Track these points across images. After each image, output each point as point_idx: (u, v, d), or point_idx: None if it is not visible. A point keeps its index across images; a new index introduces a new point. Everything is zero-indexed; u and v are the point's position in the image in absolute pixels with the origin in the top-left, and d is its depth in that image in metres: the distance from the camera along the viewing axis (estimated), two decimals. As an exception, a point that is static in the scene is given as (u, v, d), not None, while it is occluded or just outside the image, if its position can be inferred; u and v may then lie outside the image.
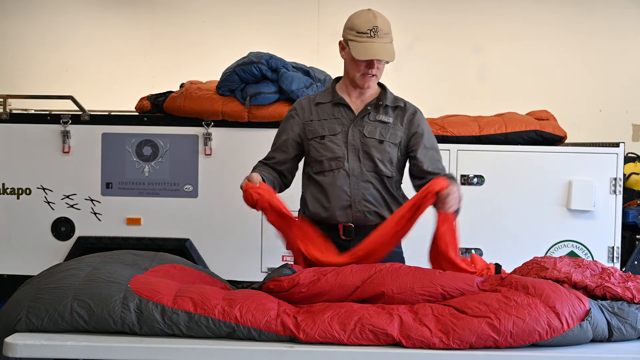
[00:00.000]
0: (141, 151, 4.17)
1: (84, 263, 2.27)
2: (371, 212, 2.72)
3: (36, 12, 8.42)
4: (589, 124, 7.60)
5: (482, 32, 8.06)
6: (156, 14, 8.38)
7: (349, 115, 2.76)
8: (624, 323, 2.07)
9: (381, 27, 2.63)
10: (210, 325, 2.03)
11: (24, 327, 2.02)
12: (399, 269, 2.28)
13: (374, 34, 2.63)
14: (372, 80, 2.73)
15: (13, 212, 4.19)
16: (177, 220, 4.16)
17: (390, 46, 2.67)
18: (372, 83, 2.75)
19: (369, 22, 2.64)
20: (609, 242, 4.11)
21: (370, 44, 2.63)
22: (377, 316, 2.04)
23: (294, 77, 4.02)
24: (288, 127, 2.82)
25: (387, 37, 2.66)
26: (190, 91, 4.19)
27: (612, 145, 4.13)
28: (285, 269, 2.31)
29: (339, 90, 2.81)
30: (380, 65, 2.70)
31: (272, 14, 8.18)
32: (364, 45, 2.63)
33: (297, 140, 2.80)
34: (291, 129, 2.81)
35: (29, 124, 4.21)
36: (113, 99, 7.31)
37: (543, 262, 2.38)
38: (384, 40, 2.64)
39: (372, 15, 2.66)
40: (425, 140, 2.79)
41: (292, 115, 2.84)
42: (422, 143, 2.77)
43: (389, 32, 2.67)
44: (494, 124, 4.21)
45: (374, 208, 2.72)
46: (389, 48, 2.66)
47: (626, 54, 7.90)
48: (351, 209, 2.71)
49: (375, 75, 2.72)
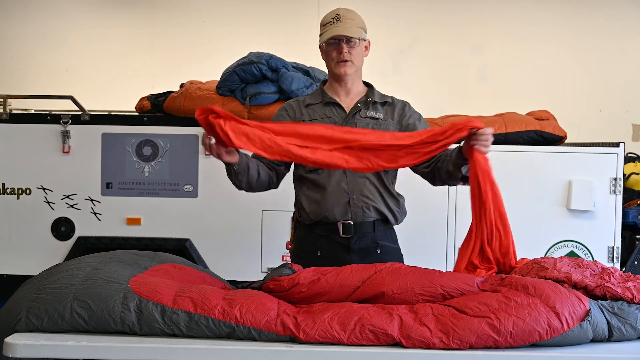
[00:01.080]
0: (141, 151, 4.17)
1: (84, 263, 2.27)
2: (369, 207, 2.72)
3: (36, 12, 8.42)
4: (589, 124, 7.59)
5: (482, 32, 8.06)
6: (156, 14, 8.38)
7: (340, 113, 2.77)
8: (624, 323, 2.07)
9: (344, 14, 2.71)
10: (210, 326, 2.03)
11: (24, 327, 2.02)
12: (399, 269, 2.28)
13: (337, 20, 2.70)
14: (347, 66, 2.73)
15: (13, 212, 4.19)
16: (177, 220, 4.16)
17: (352, 26, 2.70)
18: (349, 69, 2.74)
19: (332, 13, 2.73)
20: (609, 242, 4.11)
21: (334, 27, 2.69)
22: (377, 316, 2.04)
23: (294, 77, 4.02)
24: None
25: (352, 23, 2.70)
26: (190, 91, 4.19)
27: (612, 145, 4.13)
28: (285, 268, 2.32)
29: (328, 91, 2.83)
30: (352, 50, 2.71)
31: (272, 14, 8.18)
32: (328, 31, 2.70)
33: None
34: None
35: (29, 124, 4.21)
36: (113, 99, 7.31)
37: (543, 262, 2.38)
38: (347, 24, 2.69)
39: (337, 8, 2.74)
40: (421, 127, 2.78)
41: (282, 114, 2.83)
42: (417, 129, 2.76)
43: (355, 19, 2.72)
44: (494, 124, 4.20)
45: (371, 203, 2.72)
46: (350, 27, 2.69)
47: (626, 54, 7.90)
48: (349, 204, 2.71)
49: (350, 61, 2.72)
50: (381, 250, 2.75)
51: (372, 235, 2.74)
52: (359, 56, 2.75)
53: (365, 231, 2.72)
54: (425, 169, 2.73)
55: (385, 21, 7.82)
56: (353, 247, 2.72)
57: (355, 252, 2.72)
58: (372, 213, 2.72)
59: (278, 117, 2.84)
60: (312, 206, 2.74)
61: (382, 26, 7.79)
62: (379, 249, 2.75)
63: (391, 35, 7.89)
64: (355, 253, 2.72)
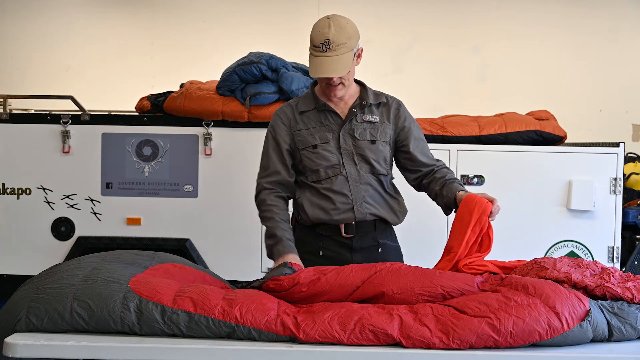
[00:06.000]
0: (141, 151, 4.17)
1: (84, 263, 2.26)
2: (372, 212, 2.72)
3: (36, 12, 8.42)
4: (589, 124, 7.60)
5: (482, 32, 8.06)
6: (156, 14, 8.39)
7: (336, 120, 2.74)
8: (624, 323, 2.07)
9: (333, 39, 2.54)
10: (210, 326, 2.02)
11: (24, 327, 2.02)
12: (399, 269, 2.28)
13: (326, 47, 2.55)
14: (337, 89, 2.68)
15: (13, 212, 4.19)
16: (177, 220, 4.16)
17: (343, 58, 2.57)
18: (339, 92, 2.69)
19: (321, 35, 2.56)
20: (609, 242, 4.11)
21: (321, 59, 2.57)
22: (377, 316, 2.03)
23: (294, 77, 4.02)
24: (279, 137, 2.76)
25: (341, 48, 2.57)
26: (190, 91, 4.19)
27: (612, 145, 4.14)
28: (284, 268, 2.32)
29: (320, 95, 2.77)
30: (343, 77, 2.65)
31: (272, 14, 8.18)
32: (316, 61, 2.58)
33: (289, 150, 2.76)
34: (284, 140, 2.75)
35: (29, 124, 4.21)
36: (113, 99, 7.32)
37: (543, 262, 2.38)
38: (337, 53, 2.56)
39: (327, 25, 2.58)
40: (414, 132, 2.80)
41: (278, 124, 2.77)
42: (412, 136, 2.78)
43: (345, 42, 2.57)
44: (494, 124, 4.21)
45: (374, 209, 2.72)
46: (341, 60, 2.57)
47: (626, 54, 7.90)
48: (353, 211, 2.70)
49: (342, 84, 2.67)
50: (382, 249, 2.76)
51: (373, 234, 2.74)
52: (350, 77, 2.69)
53: (366, 230, 2.73)
54: (413, 182, 2.85)
55: (385, 21, 7.83)
56: (355, 246, 2.72)
57: (357, 251, 2.73)
58: (374, 217, 2.73)
59: (274, 126, 2.78)
60: (315, 211, 2.73)
61: (382, 26, 7.80)
62: (380, 247, 2.76)
63: (391, 35, 7.89)
64: (358, 252, 2.72)
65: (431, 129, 4.16)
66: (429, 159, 2.80)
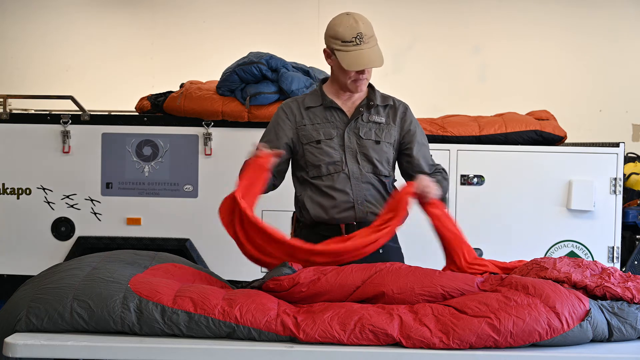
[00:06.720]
0: (141, 151, 4.17)
1: (84, 263, 2.27)
2: (373, 212, 2.72)
3: (36, 12, 8.42)
4: (589, 124, 7.60)
5: (482, 32, 8.06)
6: (156, 14, 8.38)
7: (342, 118, 2.75)
8: (624, 323, 2.07)
9: (365, 32, 2.60)
10: (210, 325, 2.03)
11: (24, 327, 2.02)
12: (399, 269, 2.28)
13: (360, 40, 2.59)
14: (363, 84, 2.72)
15: (13, 212, 4.19)
16: (177, 220, 4.16)
17: (377, 49, 2.65)
18: (364, 86, 2.75)
19: (352, 29, 2.59)
20: (609, 242, 4.11)
21: (358, 52, 2.60)
22: (377, 316, 2.04)
23: (294, 77, 4.02)
24: (281, 129, 2.76)
25: (372, 40, 2.63)
26: (190, 91, 4.19)
27: (612, 145, 4.14)
28: (284, 267, 2.32)
29: (328, 93, 2.78)
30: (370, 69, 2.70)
31: (272, 14, 8.18)
32: (352, 55, 2.60)
33: (290, 144, 2.76)
34: (284, 133, 2.75)
35: (29, 124, 4.21)
36: (113, 99, 7.31)
37: (543, 262, 2.38)
38: (370, 45, 2.62)
39: (353, 20, 2.61)
40: (419, 137, 2.81)
41: (282, 118, 2.78)
42: (416, 140, 2.80)
43: (373, 34, 2.64)
44: (494, 124, 4.21)
45: (375, 209, 2.72)
46: (376, 52, 2.64)
47: (626, 54, 7.90)
48: (354, 210, 2.71)
49: (367, 78, 2.72)
50: (383, 250, 2.76)
51: None
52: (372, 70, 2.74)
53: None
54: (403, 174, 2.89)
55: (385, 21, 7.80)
56: None
57: None
58: (375, 217, 2.73)
59: (278, 119, 2.79)
60: (316, 209, 2.73)
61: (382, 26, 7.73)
62: (381, 248, 2.76)
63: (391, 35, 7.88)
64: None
65: (431, 129, 4.16)
66: (428, 165, 2.82)
